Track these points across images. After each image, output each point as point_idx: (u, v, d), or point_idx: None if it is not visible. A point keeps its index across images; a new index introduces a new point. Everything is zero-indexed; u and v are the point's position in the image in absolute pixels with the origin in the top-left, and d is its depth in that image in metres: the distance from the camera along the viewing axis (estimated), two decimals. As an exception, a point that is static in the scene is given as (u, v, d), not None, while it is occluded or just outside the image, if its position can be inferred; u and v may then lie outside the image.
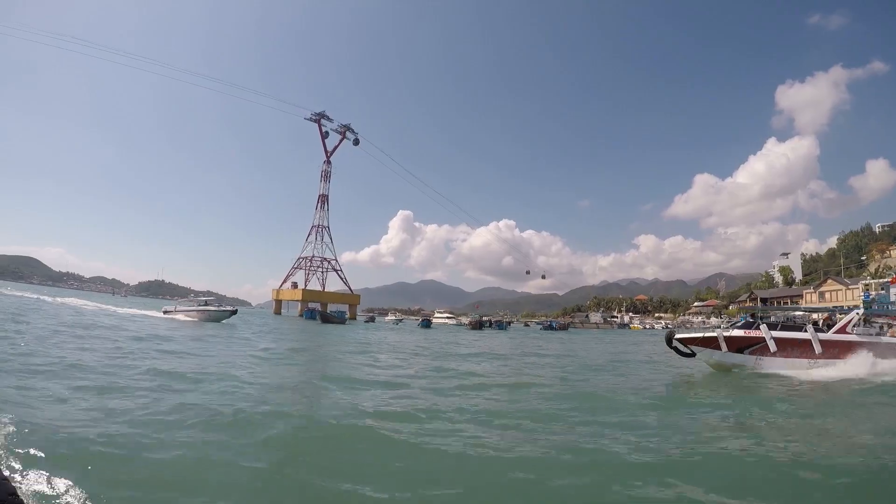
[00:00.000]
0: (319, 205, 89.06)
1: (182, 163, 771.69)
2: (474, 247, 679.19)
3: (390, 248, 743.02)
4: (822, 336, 13.75)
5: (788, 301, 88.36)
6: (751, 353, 13.70)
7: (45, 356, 11.12)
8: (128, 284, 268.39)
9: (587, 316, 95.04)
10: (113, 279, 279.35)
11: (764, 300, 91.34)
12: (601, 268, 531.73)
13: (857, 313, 14.23)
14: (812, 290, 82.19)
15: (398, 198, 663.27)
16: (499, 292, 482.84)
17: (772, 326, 13.92)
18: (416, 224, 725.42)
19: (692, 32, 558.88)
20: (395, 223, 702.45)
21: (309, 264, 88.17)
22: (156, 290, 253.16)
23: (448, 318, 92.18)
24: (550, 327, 77.00)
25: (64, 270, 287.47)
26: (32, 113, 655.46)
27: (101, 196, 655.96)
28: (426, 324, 69.53)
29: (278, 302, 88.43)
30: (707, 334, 14.72)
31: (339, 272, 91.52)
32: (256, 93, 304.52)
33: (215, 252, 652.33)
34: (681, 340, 14.93)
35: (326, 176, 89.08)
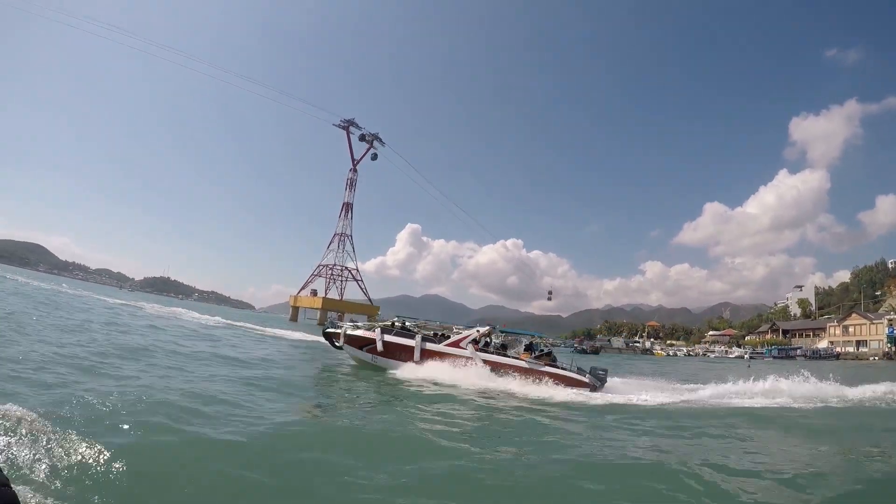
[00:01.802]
0: (343, 213, 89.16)
1: (190, 161, 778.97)
2: (480, 264, 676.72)
3: (396, 260, 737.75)
4: (428, 345, 15.38)
5: (811, 333, 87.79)
6: (367, 351, 15.75)
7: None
8: (133, 279, 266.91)
9: (609, 340, 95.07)
10: (118, 272, 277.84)
11: (786, 331, 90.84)
12: (606, 292, 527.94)
13: (478, 330, 15.93)
14: (836, 324, 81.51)
15: (408, 210, 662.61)
16: (502, 311, 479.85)
17: (385, 331, 15.95)
18: (424, 238, 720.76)
19: (710, 63, 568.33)
20: (403, 236, 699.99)
21: (329, 272, 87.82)
22: (161, 287, 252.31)
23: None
24: (583, 351, 71.94)
25: (70, 260, 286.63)
26: (48, 106, 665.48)
27: (108, 188, 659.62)
28: None
29: (295, 309, 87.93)
30: (336, 330, 16.91)
31: (360, 282, 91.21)
32: (282, 93, 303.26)
33: (220, 253, 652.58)
34: (329, 334, 17.03)
35: (352, 184, 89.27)
